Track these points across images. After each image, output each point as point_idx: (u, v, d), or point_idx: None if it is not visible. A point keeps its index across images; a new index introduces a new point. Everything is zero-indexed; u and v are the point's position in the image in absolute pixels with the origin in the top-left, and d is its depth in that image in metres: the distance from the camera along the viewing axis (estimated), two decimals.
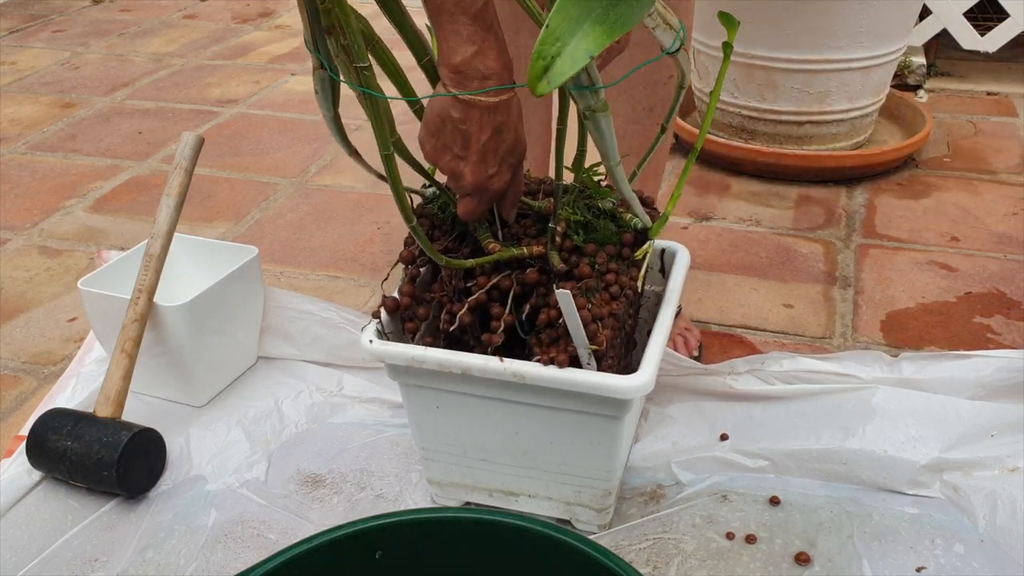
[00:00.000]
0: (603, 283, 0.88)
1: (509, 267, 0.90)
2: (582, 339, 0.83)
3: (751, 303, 1.39)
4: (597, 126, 0.76)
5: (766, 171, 1.77)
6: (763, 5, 1.66)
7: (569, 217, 0.90)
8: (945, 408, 1.04)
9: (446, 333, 0.92)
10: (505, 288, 0.89)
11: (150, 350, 1.11)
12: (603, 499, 0.95)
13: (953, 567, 0.92)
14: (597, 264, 0.89)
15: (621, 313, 0.88)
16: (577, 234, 0.90)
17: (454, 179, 0.83)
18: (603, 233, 0.91)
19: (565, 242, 0.90)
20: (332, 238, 1.59)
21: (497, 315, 0.89)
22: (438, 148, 0.81)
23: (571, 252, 0.90)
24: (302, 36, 2.73)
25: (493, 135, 0.79)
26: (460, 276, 0.91)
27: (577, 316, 0.82)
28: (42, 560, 0.95)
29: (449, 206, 0.92)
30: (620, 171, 0.82)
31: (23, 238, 1.62)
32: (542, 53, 0.61)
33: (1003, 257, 1.50)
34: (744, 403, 1.10)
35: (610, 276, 0.89)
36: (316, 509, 1.02)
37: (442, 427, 0.95)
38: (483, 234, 0.90)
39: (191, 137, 1.16)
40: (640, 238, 0.92)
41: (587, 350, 0.84)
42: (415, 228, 0.84)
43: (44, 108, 2.19)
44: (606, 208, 0.93)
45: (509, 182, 0.84)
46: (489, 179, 0.82)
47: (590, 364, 0.85)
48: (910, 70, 2.18)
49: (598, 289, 0.87)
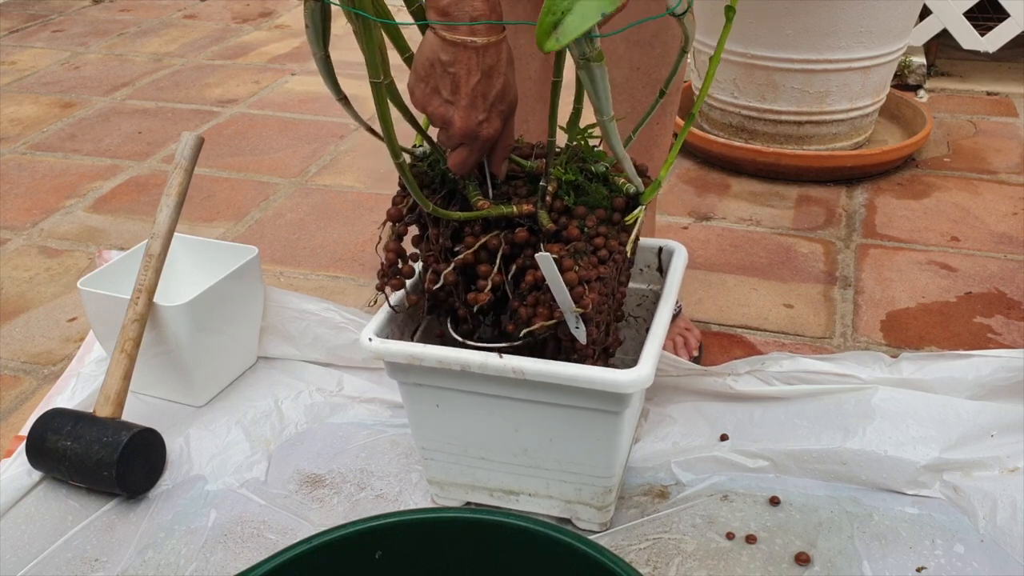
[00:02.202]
0: (592, 247, 0.86)
1: (497, 226, 0.88)
2: (567, 302, 0.82)
3: (751, 303, 1.39)
4: (591, 76, 0.73)
5: (766, 171, 1.77)
6: (763, 5, 1.66)
7: (560, 177, 0.88)
8: (945, 408, 1.04)
9: (430, 292, 0.91)
10: (493, 248, 0.87)
11: (150, 350, 1.11)
12: (603, 497, 0.95)
13: (953, 567, 0.92)
14: (587, 227, 0.87)
15: (609, 277, 0.87)
16: (568, 195, 0.88)
17: (443, 125, 0.81)
18: (594, 196, 0.89)
19: (555, 202, 0.88)
20: (332, 238, 1.59)
21: (484, 274, 0.87)
22: (427, 93, 0.80)
23: (561, 213, 0.88)
24: (302, 36, 2.71)
25: (483, 78, 0.78)
26: (448, 235, 0.89)
27: (560, 279, 0.80)
28: (42, 560, 0.95)
29: (439, 163, 0.90)
30: (613, 127, 0.80)
31: (23, 238, 1.62)
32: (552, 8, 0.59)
33: (1003, 257, 1.50)
34: (744, 403, 1.10)
35: (599, 240, 0.86)
36: (316, 509, 1.02)
37: (442, 426, 0.95)
38: (472, 191, 0.88)
39: (191, 137, 1.16)
40: (632, 203, 0.89)
41: (574, 313, 0.83)
42: (402, 165, 0.81)
43: (44, 108, 2.19)
44: (599, 172, 0.90)
45: (499, 131, 0.82)
46: (479, 125, 0.80)
47: (578, 328, 0.84)
48: (910, 70, 2.18)
49: (586, 252, 0.86)
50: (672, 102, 1.19)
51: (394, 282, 0.92)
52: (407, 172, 0.82)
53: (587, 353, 0.86)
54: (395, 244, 0.92)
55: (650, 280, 1.06)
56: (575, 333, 0.84)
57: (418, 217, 0.91)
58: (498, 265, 0.88)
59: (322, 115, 2.11)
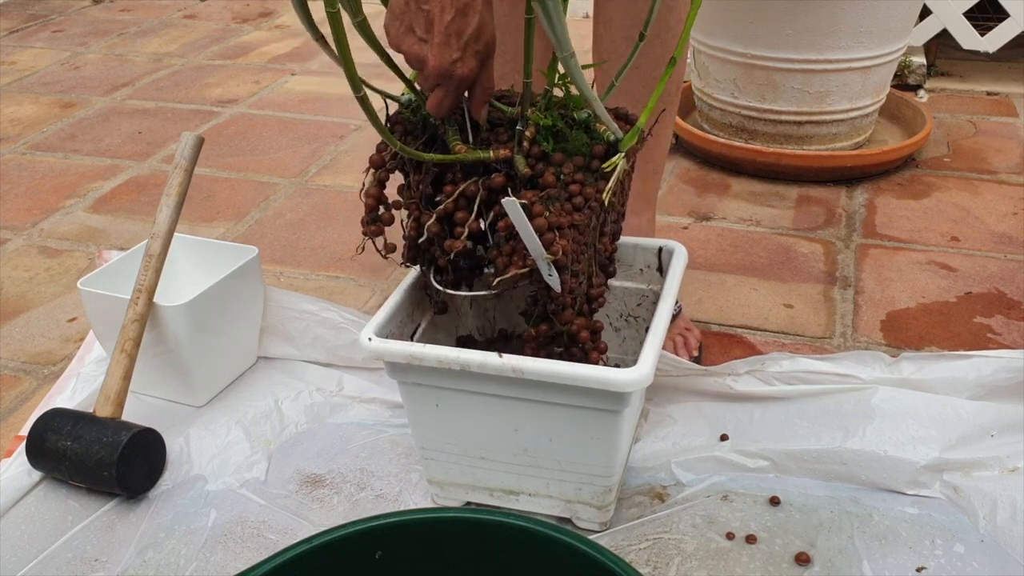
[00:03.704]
0: (567, 193, 0.85)
1: (475, 172, 0.87)
2: (538, 249, 0.81)
3: (751, 303, 1.39)
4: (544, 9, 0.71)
5: (766, 171, 1.77)
6: (763, 5, 1.66)
7: (538, 121, 0.86)
8: (945, 408, 1.04)
9: (412, 242, 0.90)
10: (471, 194, 0.86)
11: (150, 350, 1.11)
12: (603, 496, 0.95)
13: (953, 567, 0.92)
14: (563, 174, 0.86)
15: (584, 225, 0.85)
16: (547, 141, 0.86)
17: (418, 64, 0.81)
18: (574, 143, 0.87)
19: (533, 148, 0.86)
20: (332, 238, 1.59)
21: (461, 220, 0.86)
22: (401, 32, 0.79)
23: (539, 159, 0.86)
24: (302, 36, 2.70)
25: (457, 16, 0.77)
26: (428, 182, 0.88)
27: (528, 224, 0.79)
28: (42, 560, 0.95)
29: (420, 109, 0.89)
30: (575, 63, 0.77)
31: (23, 238, 1.62)
32: None
33: (1003, 257, 1.50)
34: (744, 403, 1.10)
35: (574, 187, 0.85)
36: (316, 509, 1.02)
37: (442, 426, 0.95)
38: (451, 136, 0.87)
39: (191, 137, 1.16)
40: (612, 151, 0.88)
41: (545, 261, 0.81)
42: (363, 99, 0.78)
43: (44, 108, 2.19)
44: (580, 118, 0.88)
45: (476, 71, 0.82)
46: (453, 64, 0.79)
47: (551, 276, 0.83)
48: (910, 70, 2.18)
49: (560, 199, 0.84)
50: (671, 103, 1.19)
51: (373, 228, 0.91)
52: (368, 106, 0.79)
53: (565, 303, 0.85)
54: (376, 190, 0.91)
55: (650, 280, 1.07)
56: (548, 281, 0.83)
57: (401, 165, 0.90)
58: (476, 212, 0.86)
59: (322, 115, 2.11)
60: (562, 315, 0.87)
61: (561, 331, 0.89)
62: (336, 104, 2.16)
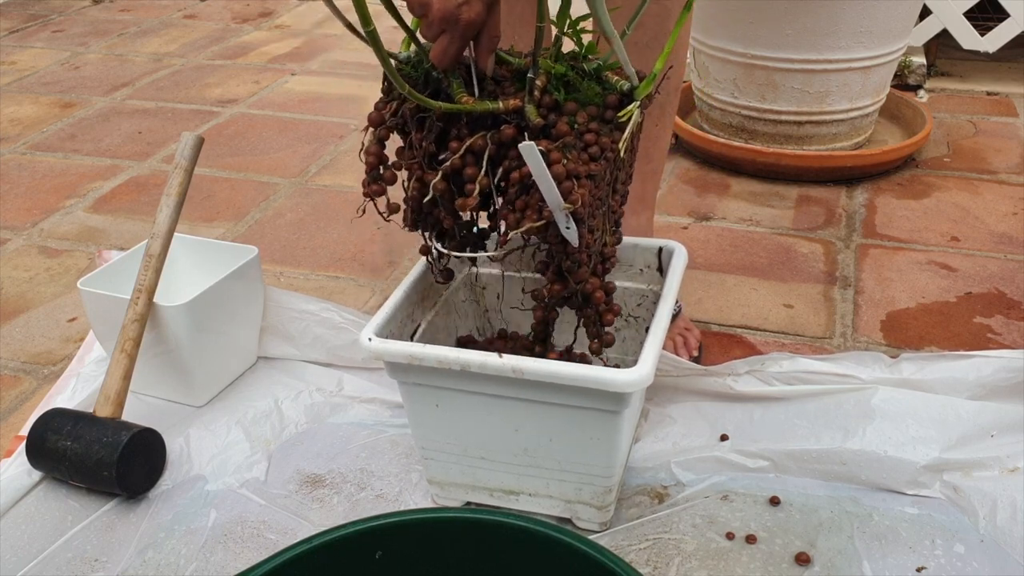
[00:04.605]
0: (582, 143, 0.81)
1: (482, 127, 0.84)
2: (556, 198, 0.77)
3: (751, 303, 1.39)
4: None
5: (766, 171, 1.77)
6: (763, 5, 1.66)
7: (550, 70, 0.83)
8: (945, 408, 1.04)
9: (415, 204, 0.87)
10: (479, 149, 0.83)
11: (150, 350, 1.11)
12: (604, 496, 0.95)
13: (953, 567, 0.92)
14: (577, 124, 0.82)
15: (600, 177, 0.82)
16: (558, 91, 0.83)
17: (421, 10, 0.78)
18: (586, 93, 0.84)
19: (544, 98, 0.83)
20: (332, 238, 1.59)
21: (471, 177, 0.83)
22: None
23: (550, 109, 0.83)
24: (302, 36, 2.69)
25: None
26: (431, 139, 0.85)
27: (546, 170, 0.76)
28: (42, 560, 0.95)
29: (423, 62, 0.86)
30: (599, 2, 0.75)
31: (23, 238, 1.62)
32: None
33: (1003, 257, 1.50)
34: (744, 404, 1.10)
35: (589, 136, 0.82)
36: (316, 509, 1.02)
37: (442, 426, 0.95)
38: (456, 89, 0.83)
39: (191, 137, 1.16)
40: (626, 101, 0.84)
41: (563, 211, 0.78)
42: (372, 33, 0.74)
43: (44, 108, 2.19)
44: (591, 69, 0.85)
45: (482, 16, 0.78)
46: (458, 8, 0.77)
47: (569, 228, 0.79)
48: (910, 70, 2.18)
49: (576, 147, 0.81)
50: (671, 103, 1.19)
51: (375, 187, 0.88)
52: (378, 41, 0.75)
53: (581, 259, 0.82)
54: (376, 148, 0.88)
55: (650, 280, 1.06)
56: (565, 234, 0.80)
57: (401, 124, 0.87)
58: (484, 168, 0.83)
59: (322, 115, 2.11)
60: (578, 272, 0.83)
61: (575, 290, 0.85)
62: (336, 104, 2.16)
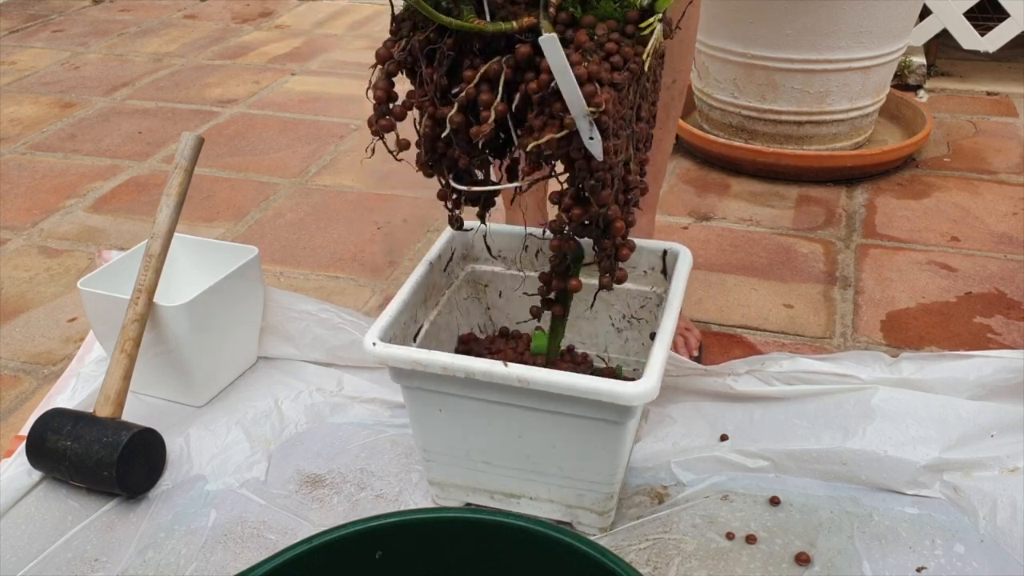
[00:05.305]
0: (604, 52, 0.77)
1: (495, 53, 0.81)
2: (578, 102, 0.73)
3: (751, 303, 1.39)
4: None
5: (766, 171, 1.77)
6: (763, 5, 1.66)
7: None
8: (945, 408, 1.04)
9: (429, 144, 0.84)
10: (494, 74, 0.80)
11: (150, 350, 1.11)
12: (605, 503, 0.95)
13: (953, 567, 0.92)
14: (596, 35, 0.78)
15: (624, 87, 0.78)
16: (575, 7, 0.80)
17: None
18: (603, 8, 0.80)
19: (560, 15, 0.79)
20: (332, 238, 1.59)
21: (486, 103, 0.80)
22: None
23: (567, 26, 0.80)
24: (302, 36, 2.70)
25: None
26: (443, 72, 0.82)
27: (568, 67, 0.72)
28: (42, 560, 0.95)
29: None
30: None
31: (23, 238, 1.62)
32: None
33: (1003, 257, 1.50)
34: (744, 404, 1.10)
35: (611, 45, 0.78)
36: (316, 509, 1.02)
37: (444, 430, 0.95)
38: (467, 15, 0.80)
39: (191, 137, 1.16)
40: (646, 15, 0.80)
41: (586, 117, 0.74)
42: None
43: (44, 108, 2.19)
44: None
45: None
46: None
47: (592, 139, 0.76)
48: (910, 70, 2.18)
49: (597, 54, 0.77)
50: (675, 107, 1.19)
51: (384, 122, 0.85)
52: None
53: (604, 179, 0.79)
54: (385, 83, 0.85)
55: (653, 282, 1.06)
56: (589, 145, 0.76)
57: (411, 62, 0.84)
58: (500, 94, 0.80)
59: (322, 115, 2.11)
60: (600, 195, 0.80)
61: (597, 215, 0.82)
62: (336, 104, 2.16)
